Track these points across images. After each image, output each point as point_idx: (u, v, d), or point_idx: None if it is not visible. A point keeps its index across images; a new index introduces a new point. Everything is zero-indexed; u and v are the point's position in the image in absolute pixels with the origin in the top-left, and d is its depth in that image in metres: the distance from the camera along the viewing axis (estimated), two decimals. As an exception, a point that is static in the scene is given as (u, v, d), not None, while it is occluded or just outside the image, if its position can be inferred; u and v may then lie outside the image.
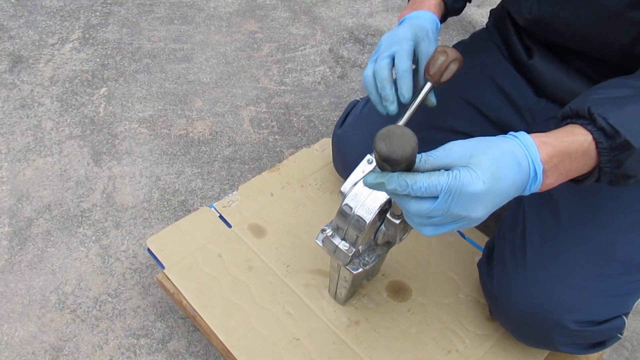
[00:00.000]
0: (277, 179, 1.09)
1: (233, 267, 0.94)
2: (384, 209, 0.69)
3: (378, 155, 0.50)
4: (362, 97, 1.07)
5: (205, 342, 0.98)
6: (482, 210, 0.52)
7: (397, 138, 0.49)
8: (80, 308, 1.02)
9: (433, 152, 0.53)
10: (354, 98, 1.47)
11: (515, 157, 0.53)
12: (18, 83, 1.47)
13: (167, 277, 0.92)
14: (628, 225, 0.75)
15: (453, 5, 0.88)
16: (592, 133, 0.56)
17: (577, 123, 0.58)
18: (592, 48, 0.80)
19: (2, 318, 1.00)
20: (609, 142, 0.55)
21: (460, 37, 1.77)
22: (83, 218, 1.17)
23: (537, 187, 0.55)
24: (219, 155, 1.33)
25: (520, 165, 0.53)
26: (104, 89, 1.48)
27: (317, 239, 0.75)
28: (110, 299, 1.04)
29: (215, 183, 1.26)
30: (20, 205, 1.18)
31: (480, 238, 1.01)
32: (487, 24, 1.02)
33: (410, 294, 0.92)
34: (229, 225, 1.00)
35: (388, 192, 0.54)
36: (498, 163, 0.52)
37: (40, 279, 1.06)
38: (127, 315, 1.01)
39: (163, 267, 0.93)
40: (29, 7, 1.72)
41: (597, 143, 0.56)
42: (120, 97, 1.46)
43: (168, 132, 1.37)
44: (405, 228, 0.72)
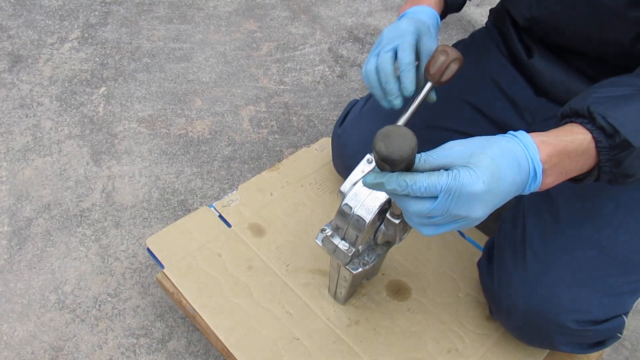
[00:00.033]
0: (276, 179, 1.09)
1: (233, 266, 0.94)
2: (384, 209, 0.69)
3: (377, 156, 0.50)
4: (361, 96, 1.07)
5: (205, 341, 0.98)
6: (481, 210, 0.52)
7: (396, 138, 0.49)
8: (80, 308, 1.02)
9: (432, 151, 0.53)
10: (354, 97, 1.47)
11: (515, 156, 0.53)
12: (17, 83, 1.47)
13: (166, 276, 0.92)
14: (627, 225, 0.75)
15: (453, 2, 0.88)
16: (591, 132, 0.56)
17: (576, 122, 0.58)
18: (591, 47, 0.80)
19: (1, 318, 1.00)
20: (609, 141, 0.55)
21: (460, 36, 1.77)
22: (82, 218, 1.17)
23: (536, 186, 0.55)
24: (219, 155, 1.33)
25: (520, 165, 0.53)
26: (103, 89, 1.48)
27: (316, 239, 0.75)
28: (110, 299, 1.04)
29: (215, 182, 1.26)
30: (20, 205, 1.18)
31: (480, 237, 1.01)
32: (486, 23, 1.02)
33: (410, 294, 0.92)
34: (229, 225, 1.00)
35: (387, 192, 0.54)
36: (498, 163, 0.52)
37: (40, 279, 1.06)
38: (126, 315, 1.01)
39: (163, 266, 0.93)
40: (28, 6, 1.72)
41: (596, 142, 0.56)
42: (120, 96, 1.46)
43: (167, 131, 1.37)
44: (405, 228, 0.72)
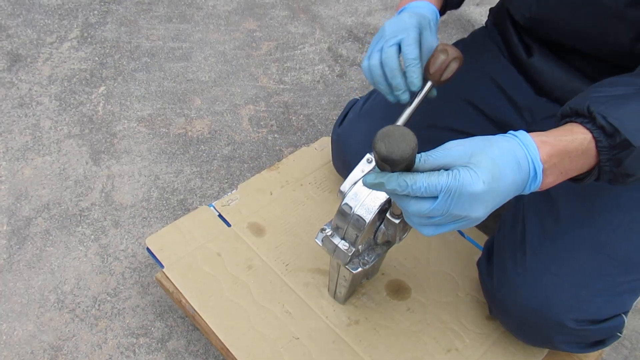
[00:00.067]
0: (276, 178, 1.09)
1: (232, 266, 0.94)
2: (384, 209, 0.69)
3: (377, 156, 0.50)
4: (361, 95, 1.07)
5: (205, 341, 0.98)
6: (482, 210, 0.52)
7: (396, 138, 0.49)
8: (79, 307, 1.02)
9: (432, 151, 0.53)
10: (353, 97, 1.47)
11: (515, 156, 0.53)
12: (16, 82, 1.47)
13: (166, 276, 0.92)
14: (627, 224, 0.75)
15: None
16: (591, 132, 0.56)
17: (576, 122, 0.58)
18: (591, 47, 0.80)
19: (1, 317, 1.00)
20: (609, 140, 0.55)
21: (460, 35, 1.77)
22: (82, 217, 1.17)
23: (536, 186, 0.55)
24: (218, 154, 1.32)
25: (520, 165, 0.53)
26: (103, 88, 1.47)
27: (316, 239, 0.75)
28: (110, 298, 1.03)
29: (215, 182, 1.26)
30: (19, 205, 1.18)
31: (480, 237, 1.01)
32: (486, 23, 1.02)
33: (410, 293, 0.92)
34: (228, 224, 1.00)
35: (387, 192, 0.54)
36: (498, 163, 0.52)
37: (39, 278, 1.06)
38: (126, 315, 1.01)
39: (162, 266, 0.93)
40: (27, 5, 1.72)
41: (596, 142, 0.56)
42: (119, 95, 1.45)
43: (167, 131, 1.37)
44: (405, 227, 0.72)
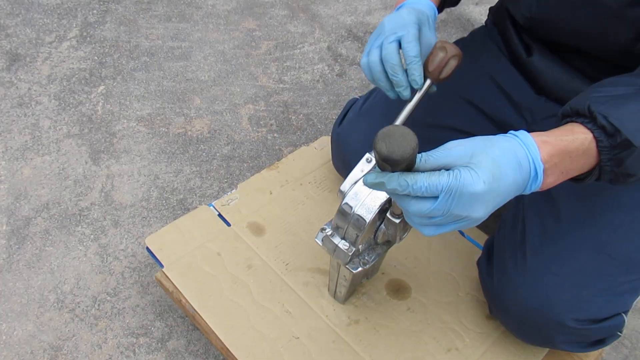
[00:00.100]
0: (276, 178, 1.09)
1: (232, 265, 0.94)
2: (384, 208, 0.69)
3: (378, 156, 0.50)
4: (360, 95, 1.06)
5: (205, 341, 0.98)
6: (482, 210, 0.52)
7: (397, 138, 0.48)
8: (79, 307, 1.02)
9: (433, 151, 0.53)
10: (353, 96, 1.46)
11: (516, 156, 0.53)
12: (15, 81, 1.47)
13: (166, 276, 0.92)
14: (628, 224, 0.75)
15: None
16: (592, 131, 0.56)
17: (577, 121, 0.58)
18: (591, 46, 0.80)
19: (0, 317, 1.00)
20: (609, 140, 0.55)
21: (459, 35, 1.77)
22: (81, 217, 1.16)
23: (537, 186, 0.55)
24: (218, 154, 1.32)
25: (521, 165, 0.53)
26: (102, 87, 1.47)
27: (316, 238, 0.75)
28: (109, 298, 1.03)
29: (214, 181, 1.26)
30: (18, 204, 1.18)
31: (480, 236, 1.01)
32: (486, 22, 1.02)
33: (410, 293, 0.92)
34: (228, 224, 1.00)
35: (388, 192, 0.54)
36: (499, 163, 0.51)
37: (39, 278, 1.06)
38: (126, 314, 1.01)
39: (162, 265, 0.93)
40: (26, 4, 1.72)
41: (597, 141, 0.56)
42: (118, 95, 1.45)
43: (166, 130, 1.37)
44: (405, 227, 0.72)
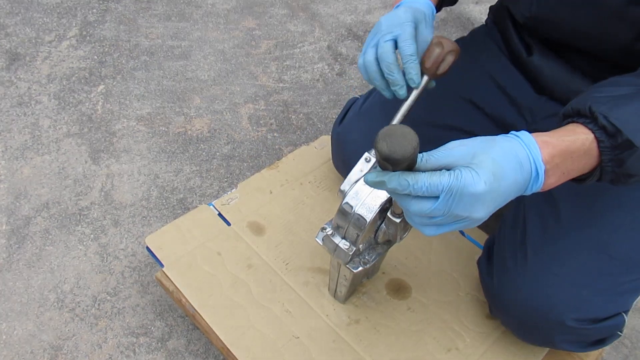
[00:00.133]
0: (276, 177, 1.09)
1: (232, 265, 0.94)
2: (385, 208, 0.69)
3: (379, 155, 0.50)
4: (360, 94, 1.06)
5: (205, 340, 0.98)
6: (483, 211, 0.52)
7: (398, 137, 0.48)
8: (79, 307, 1.02)
9: (434, 151, 0.53)
10: (353, 95, 1.46)
11: (517, 157, 0.53)
12: (15, 81, 1.46)
13: (166, 275, 0.92)
14: (629, 224, 0.75)
15: None
16: (593, 132, 0.56)
17: (578, 122, 0.58)
18: (591, 45, 0.79)
19: (0, 317, 0.99)
20: (611, 141, 0.55)
21: (459, 34, 1.77)
22: (81, 216, 1.16)
23: (538, 187, 0.55)
24: (218, 153, 1.32)
25: (522, 166, 0.53)
26: (102, 87, 1.47)
27: (317, 238, 0.75)
28: (109, 298, 1.03)
29: (214, 181, 1.26)
30: (18, 204, 1.18)
31: (481, 236, 1.01)
32: (486, 21, 1.02)
33: (410, 292, 0.92)
34: (228, 223, 1.00)
35: (389, 191, 0.54)
36: (500, 163, 0.51)
37: (39, 278, 1.06)
38: (126, 314, 1.01)
39: (162, 265, 0.93)
40: (26, 4, 1.71)
41: (598, 142, 0.56)
42: (118, 94, 1.45)
43: (166, 129, 1.37)
44: (406, 227, 0.71)
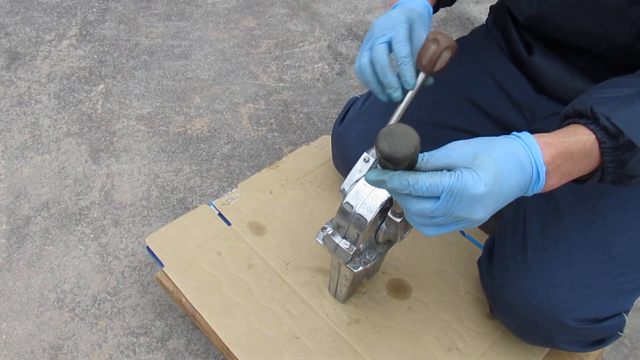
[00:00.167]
0: (276, 177, 1.08)
1: (232, 265, 0.94)
2: (385, 208, 0.69)
3: (380, 154, 0.50)
4: (361, 94, 1.06)
5: (205, 340, 0.98)
6: (483, 212, 0.52)
7: (399, 137, 0.48)
8: (79, 306, 1.02)
9: (435, 151, 0.53)
10: (353, 95, 1.46)
11: (518, 158, 0.53)
12: (15, 80, 1.46)
13: (166, 275, 0.92)
14: (629, 224, 0.75)
15: None
16: (595, 133, 0.56)
17: (579, 123, 0.57)
18: (592, 45, 0.79)
19: (0, 316, 0.99)
20: (612, 141, 0.55)
21: (459, 33, 1.77)
22: (81, 216, 1.16)
23: (539, 188, 0.55)
24: (218, 153, 1.32)
25: (523, 167, 0.53)
26: (102, 86, 1.47)
27: (317, 237, 0.75)
28: (109, 297, 1.03)
29: (214, 181, 1.26)
30: (18, 203, 1.18)
31: (481, 236, 1.01)
32: (486, 21, 1.02)
33: (411, 292, 0.92)
34: (228, 223, 1.00)
35: (389, 190, 0.53)
36: (501, 164, 0.51)
37: (39, 277, 1.05)
38: (126, 314, 1.01)
39: (162, 265, 0.93)
40: (26, 3, 1.71)
41: (600, 143, 0.56)
42: (118, 94, 1.45)
43: (166, 129, 1.37)
44: (406, 226, 0.71)
